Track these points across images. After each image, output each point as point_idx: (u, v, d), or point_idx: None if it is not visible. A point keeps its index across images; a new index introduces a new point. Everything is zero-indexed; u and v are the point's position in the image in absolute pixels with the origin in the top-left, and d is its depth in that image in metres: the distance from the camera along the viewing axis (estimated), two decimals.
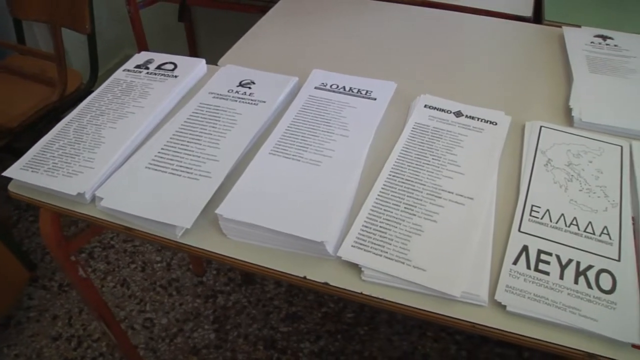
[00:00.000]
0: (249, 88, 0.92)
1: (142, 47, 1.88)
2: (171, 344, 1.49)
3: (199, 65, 1.00)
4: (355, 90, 0.90)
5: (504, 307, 0.62)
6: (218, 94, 0.91)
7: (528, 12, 1.26)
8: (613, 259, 0.66)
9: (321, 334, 1.50)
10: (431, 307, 0.62)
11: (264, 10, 1.26)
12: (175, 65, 0.98)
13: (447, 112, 0.86)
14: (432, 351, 1.45)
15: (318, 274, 0.66)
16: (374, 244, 0.67)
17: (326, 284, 0.65)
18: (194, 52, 2.30)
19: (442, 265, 0.64)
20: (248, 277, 1.64)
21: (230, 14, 2.02)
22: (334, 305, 1.57)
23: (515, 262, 0.65)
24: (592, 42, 1.10)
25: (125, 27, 1.95)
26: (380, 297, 0.64)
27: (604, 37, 1.12)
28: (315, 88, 0.91)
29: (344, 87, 0.90)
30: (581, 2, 1.32)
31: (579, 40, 1.11)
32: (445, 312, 0.62)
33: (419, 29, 1.18)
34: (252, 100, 0.89)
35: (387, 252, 0.66)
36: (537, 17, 1.27)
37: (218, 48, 1.10)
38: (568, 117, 0.89)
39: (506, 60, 1.08)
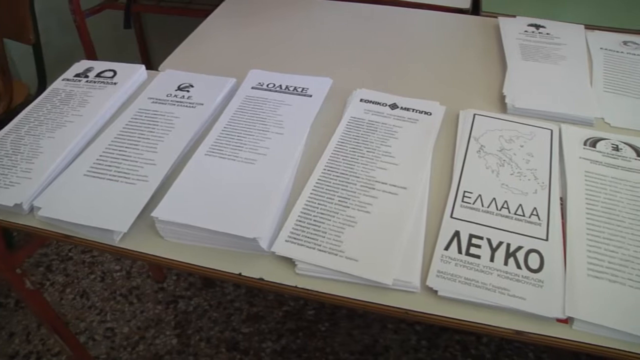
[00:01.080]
0: (188, 91, 0.92)
1: (91, 56, 1.87)
2: (133, 353, 1.48)
3: (139, 71, 1.00)
4: (292, 88, 0.91)
5: (436, 292, 0.63)
6: (157, 99, 0.91)
7: (466, 4, 1.28)
8: (541, 239, 0.68)
9: (283, 332, 1.50)
10: (364, 296, 0.63)
11: None
12: (115, 73, 0.98)
13: (382, 105, 0.88)
14: (392, 343, 1.47)
15: (253, 270, 0.66)
16: (308, 237, 0.68)
17: (261, 279, 0.65)
18: (145, 59, 2.29)
19: (375, 255, 0.65)
20: (208, 280, 1.64)
21: (181, 19, 2.01)
22: (295, 304, 1.57)
23: (446, 248, 0.66)
24: (525, 31, 1.13)
25: (76, 36, 1.93)
26: (315, 289, 0.64)
27: (537, 26, 1.14)
28: (252, 88, 0.91)
29: (280, 86, 0.91)
30: None
31: (513, 29, 1.13)
32: (378, 301, 0.63)
33: (360, 25, 1.20)
34: (190, 103, 0.89)
35: (320, 245, 0.67)
36: (476, 8, 1.29)
37: (169, 53, 1.10)
38: (503, 104, 0.91)
39: (444, 52, 1.10)
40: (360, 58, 1.07)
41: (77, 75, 0.99)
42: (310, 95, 0.89)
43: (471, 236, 0.68)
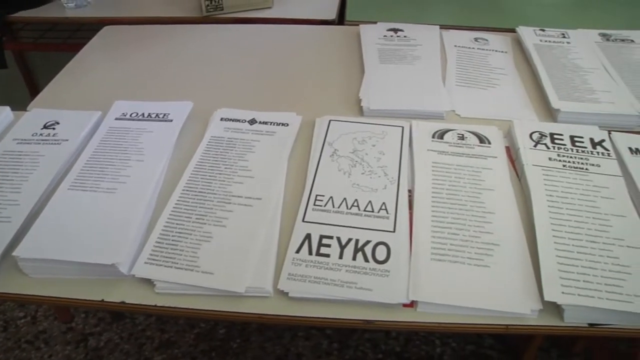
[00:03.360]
0: (53, 129, 0.93)
1: None
2: None
3: (3, 113, 0.99)
4: (154, 115, 0.92)
5: (287, 294, 0.65)
6: (22, 140, 0.91)
7: (332, 15, 1.33)
8: (389, 231, 0.72)
9: (196, 355, 1.51)
10: (220, 306, 0.66)
11: None
12: None
13: (242, 121, 0.90)
14: (304, 350, 1.49)
15: (115, 295, 0.68)
16: (166, 257, 0.69)
17: (122, 302, 0.67)
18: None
19: (229, 266, 0.68)
20: (117, 313, 1.62)
21: (67, 55, 1.99)
22: (205, 325, 1.58)
23: (298, 251, 0.69)
24: (384, 36, 1.18)
25: None
26: (173, 305, 0.66)
27: (396, 30, 1.20)
28: (116, 119, 0.93)
29: (142, 114, 0.93)
30: (379, 1, 1.41)
31: (373, 35, 1.19)
32: (234, 309, 0.65)
33: (228, 47, 1.24)
34: (55, 140, 0.90)
35: (177, 263, 0.69)
36: (341, 19, 1.33)
37: None
38: (360, 108, 0.95)
39: (308, 64, 1.15)
40: (226, 78, 1.10)
41: None
42: (171, 120, 0.91)
43: (322, 237, 0.71)
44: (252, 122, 0.90)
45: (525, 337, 1.37)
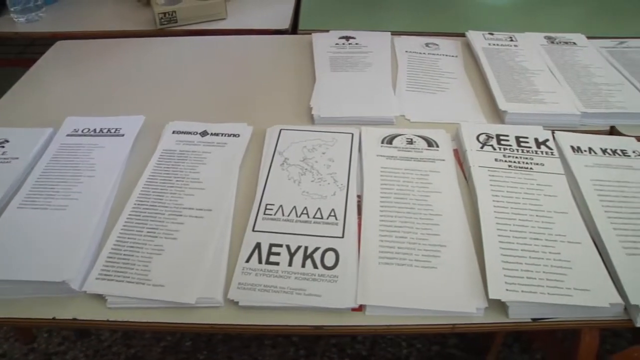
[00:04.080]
0: (3, 147, 0.92)
1: None
2: None
3: None
4: (105, 130, 0.93)
5: (237, 303, 0.66)
6: None
7: (286, 25, 1.34)
8: (338, 237, 0.73)
9: None
10: (171, 318, 0.66)
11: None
12: None
13: (193, 133, 0.91)
14: (272, 358, 1.50)
15: (67, 312, 0.68)
16: (118, 271, 0.70)
17: (74, 319, 0.67)
18: None
19: (179, 278, 0.68)
20: (83, 331, 1.61)
21: (19, 70, 1.97)
22: (172, 337, 1.58)
23: (248, 260, 0.70)
24: (336, 44, 1.20)
25: None
26: (125, 320, 0.67)
27: (348, 38, 1.22)
28: (68, 135, 0.93)
29: (94, 130, 0.93)
30: (332, 9, 1.43)
31: (325, 43, 1.20)
32: (185, 320, 0.66)
33: (182, 59, 1.25)
34: (4, 158, 0.89)
35: (129, 277, 0.69)
36: (295, 28, 1.35)
37: None
38: (311, 116, 0.96)
39: (261, 74, 1.17)
40: (180, 91, 1.11)
41: None
42: (123, 135, 0.91)
43: (271, 245, 0.72)
44: (204, 134, 0.91)
45: (488, 334, 1.39)
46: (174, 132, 0.92)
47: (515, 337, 1.52)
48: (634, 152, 0.89)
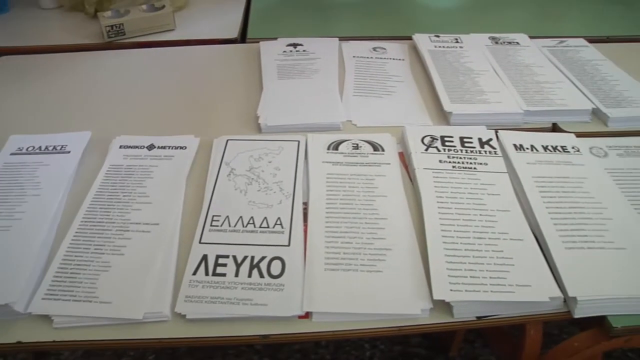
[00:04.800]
0: None
1: None
2: None
3: None
4: (51, 148, 0.92)
5: (185, 316, 0.66)
6: None
7: (234, 34, 1.34)
8: (284, 246, 0.74)
9: None
10: (119, 335, 0.66)
11: None
12: None
13: (140, 147, 0.91)
14: None
15: (10, 336, 0.67)
16: (64, 290, 0.69)
17: (19, 342, 0.66)
18: None
19: (126, 294, 0.68)
20: (40, 352, 1.59)
21: None
22: (135, 353, 1.57)
23: (195, 273, 0.71)
24: (284, 51, 1.21)
25: None
26: (73, 339, 0.66)
27: (295, 45, 1.23)
28: (11, 154, 0.92)
29: (39, 147, 0.92)
30: (282, 17, 1.44)
31: (272, 51, 1.21)
32: (133, 336, 0.66)
33: (129, 72, 1.23)
34: None
35: (75, 296, 0.69)
36: (244, 37, 1.35)
37: None
38: (258, 125, 0.96)
39: (210, 84, 1.16)
40: (128, 104, 1.11)
41: None
42: (69, 152, 0.91)
43: (218, 257, 0.72)
44: (151, 147, 0.90)
45: (449, 332, 1.41)
46: (121, 147, 0.91)
47: (477, 333, 1.54)
48: (573, 147, 0.91)
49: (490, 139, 0.92)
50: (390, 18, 1.47)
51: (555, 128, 1.02)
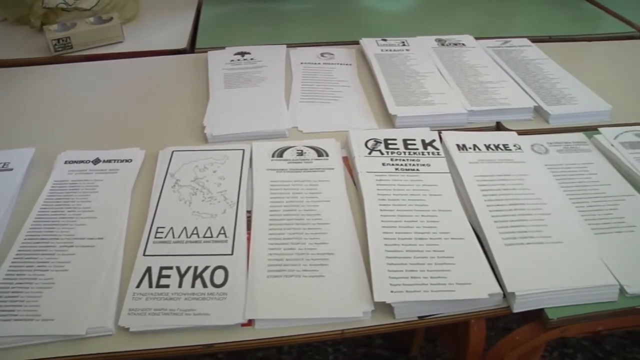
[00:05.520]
0: None
1: None
2: None
3: None
4: None
5: (128, 329, 0.67)
6: None
7: (184, 44, 1.34)
8: (227, 254, 0.75)
9: None
10: (63, 352, 0.66)
11: None
12: None
13: (85, 162, 0.91)
14: None
15: None
16: (5, 311, 0.69)
17: None
18: None
19: (69, 310, 0.68)
20: None
21: None
22: None
23: (138, 285, 0.71)
24: (232, 60, 1.21)
25: None
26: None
27: (243, 53, 1.23)
28: None
29: None
30: (231, 25, 1.44)
31: (220, 60, 1.21)
32: (77, 352, 0.66)
33: (81, 85, 1.23)
34: None
35: (17, 315, 0.68)
36: (193, 47, 1.35)
37: None
38: (204, 136, 0.97)
39: (158, 95, 1.16)
40: (75, 119, 1.10)
41: None
42: (12, 169, 0.90)
43: (162, 268, 0.73)
44: (96, 161, 0.91)
45: (409, 332, 1.43)
46: (66, 162, 0.91)
47: (439, 332, 1.56)
48: (514, 145, 0.93)
49: (434, 140, 0.94)
50: (339, 23, 1.49)
51: (499, 127, 1.04)
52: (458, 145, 0.93)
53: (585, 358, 1.52)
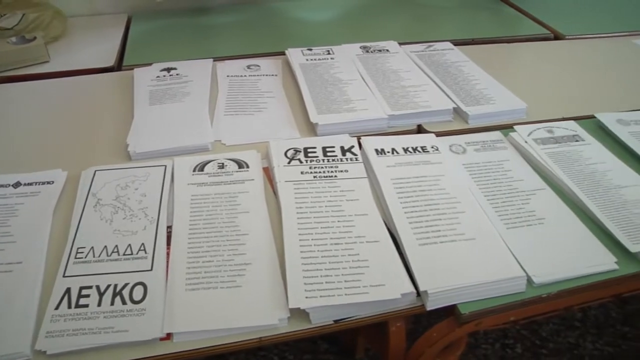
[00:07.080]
0: None
1: None
2: None
3: None
4: None
5: (45, 352, 0.67)
6: None
7: (111, 62, 1.34)
8: (146, 270, 0.76)
9: None
10: None
11: None
12: None
13: (6, 186, 0.91)
14: None
15: None
16: None
17: None
18: None
19: None
20: None
21: None
22: None
23: (57, 307, 0.71)
24: (157, 77, 1.22)
25: None
26: None
27: (169, 69, 1.24)
28: None
29: None
30: (159, 42, 1.45)
31: (146, 77, 1.22)
32: None
33: (4, 108, 1.21)
34: None
35: None
36: (120, 65, 1.35)
37: None
38: (127, 154, 0.98)
39: (82, 115, 1.16)
40: None
41: None
42: None
43: (81, 288, 0.74)
44: (17, 185, 0.91)
45: (352, 336, 1.45)
46: None
47: None
48: (432, 147, 0.97)
49: (352, 146, 0.96)
50: (268, 35, 1.51)
51: (420, 130, 1.07)
52: (377, 150, 0.96)
53: (524, 346, 1.56)
